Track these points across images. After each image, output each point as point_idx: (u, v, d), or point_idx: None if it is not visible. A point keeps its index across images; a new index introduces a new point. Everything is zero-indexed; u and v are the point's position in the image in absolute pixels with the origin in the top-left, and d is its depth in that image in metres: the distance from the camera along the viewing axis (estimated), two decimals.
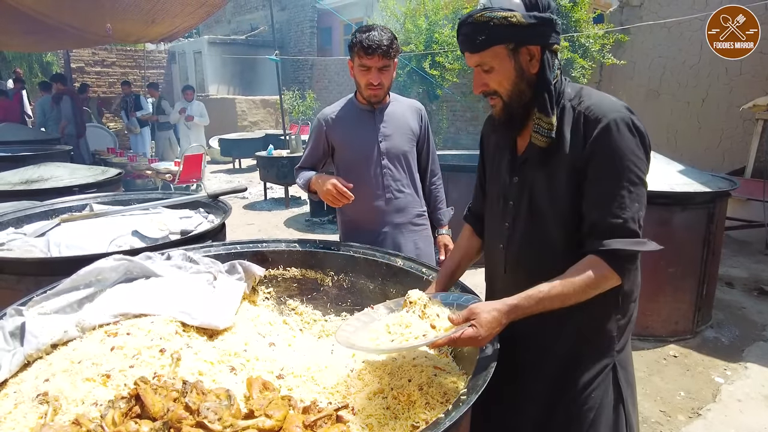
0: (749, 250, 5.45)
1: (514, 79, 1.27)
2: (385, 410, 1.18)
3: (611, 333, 1.34)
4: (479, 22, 1.23)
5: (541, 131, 1.27)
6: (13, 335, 1.28)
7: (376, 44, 2.11)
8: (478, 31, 1.23)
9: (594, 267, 1.18)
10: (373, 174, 2.30)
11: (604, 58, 6.98)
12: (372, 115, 2.33)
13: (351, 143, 2.33)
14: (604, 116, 1.21)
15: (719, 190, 3.44)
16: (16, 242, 2.28)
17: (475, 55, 1.27)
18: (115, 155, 8.68)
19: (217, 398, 0.94)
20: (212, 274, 1.65)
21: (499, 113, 1.34)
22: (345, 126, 2.34)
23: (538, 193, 1.33)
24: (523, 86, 1.28)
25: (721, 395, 2.95)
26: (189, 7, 7.17)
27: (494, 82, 1.29)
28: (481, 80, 1.31)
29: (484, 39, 1.23)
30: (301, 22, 15.59)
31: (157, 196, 3.03)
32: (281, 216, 7.40)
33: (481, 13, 1.23)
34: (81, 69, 15.06)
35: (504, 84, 1.28)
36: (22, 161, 5.04)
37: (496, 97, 1.31)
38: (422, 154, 2.45)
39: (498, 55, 1.25)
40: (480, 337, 1.14)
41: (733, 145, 6.30)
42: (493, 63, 1.26)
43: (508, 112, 1.32)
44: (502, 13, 1.20)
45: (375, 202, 2.31)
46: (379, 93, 2.26)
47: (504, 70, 1.26)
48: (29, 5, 6.65)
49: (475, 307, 1.18)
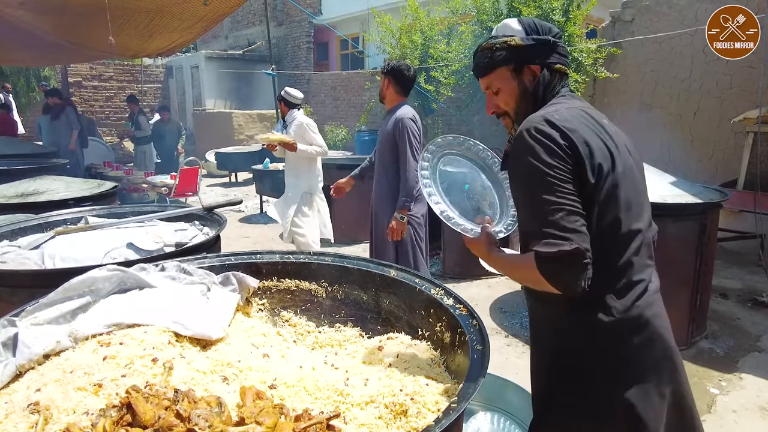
0: (743, 262, 5.47)
1: (518, 97, 1.39)
2: (377, 419, 1.19)
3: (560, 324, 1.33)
4: (485, 49, 1.40)
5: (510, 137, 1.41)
6: (6, 346, 1.28)
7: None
8: (483, 56, 1.40)
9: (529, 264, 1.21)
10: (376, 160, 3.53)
11: (597, 72, 7.08)
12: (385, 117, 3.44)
13: None
14: (520, 128, 1.29)
15: (711, 202, 3.47)
16: (11, 255, 2.27)
17: (483, 78, 1.43)
18: (111, 169, 8.68)
19: (208, 405, 0.95)
20: (206, 285, 1.66)
21: (511, 131, 1.45)
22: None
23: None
24: (528, 104, 1.39)
25: (716, 406, 2.95)
26: (186, 22, 7.24)
27: (502, 102, 1.42)
28: (492, 102, 1.45)
29: (488, 62, 1.39)
30: (298, 37, 15.75)
31: (152, 209, 3.04)
32: (277, 229, 7.40)
33: (487, 41, 1.40)
34: (78, 83, 15.15)
35: (510, 103, 1.40)
36: (18, 174, 5.04)
37: (506, 117, 1.44)
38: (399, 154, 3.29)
39: (503, 76, 1.39)
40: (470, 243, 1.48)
41: (725, 157, 6.37)
42: (499, 84, 1.40)
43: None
44: (503, 39, 1.36)
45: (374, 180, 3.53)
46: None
47: (509, 89, 1.39)
48: (29, 21, 6.71)
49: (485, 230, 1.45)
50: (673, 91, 6.76)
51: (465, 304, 1.49)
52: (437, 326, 1.53)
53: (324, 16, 14.93)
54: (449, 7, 8.98)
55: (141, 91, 15.46)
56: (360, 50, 14.88)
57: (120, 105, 15.37)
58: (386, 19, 9.85)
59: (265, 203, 8.54)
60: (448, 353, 1.45)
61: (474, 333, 1.32)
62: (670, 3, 6.64)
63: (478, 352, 1.23)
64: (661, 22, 6.73)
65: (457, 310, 1.45)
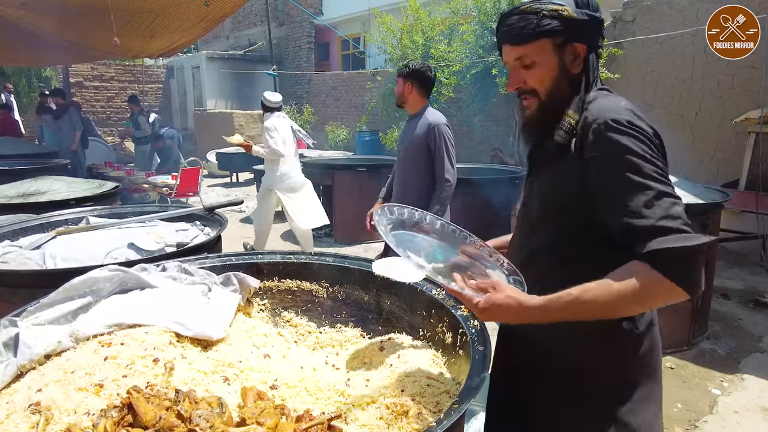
0: (745, 262, 5.47)
1: (556, 76, 1.19)
2: (378, 420, 1.19)
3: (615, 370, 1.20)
4: (528, 13, 1.16)
5: (566, 127, 1.18)
6: (7, 346, 1.28)
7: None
8: (525, 21, 1.16)
9: (639, 272, 0.99)
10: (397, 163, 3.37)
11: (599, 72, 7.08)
12: (409, 121, 3.31)
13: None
14: (597, 117, 1.12)
15: (712, 202, 3.47)
16: (12, 255, 2.28)
17: (519, 47, 1.19)
18: (113, 169, 8.70)
19: (209, 406, 0.95)
20: (207, 286, 1.66)
21: (533, 114, 1.24)
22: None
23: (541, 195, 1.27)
24: (564, 85, 1.20)
25: (717, 407, 2.94)
26: (188, 22, 7.25)
27: (534, 79, 1.20)
28: (519, 77, 1.22)
29: (532, 30, 1.15)
30: (299, 37, 15.75)
31: (153, 209, 3.04)
32: (278, 229, 7.40)
33: (530, 4, 1.16)
34: (80, 83, 15.17)
35: (545, 81, 1.20)
36: (20, 175, 5.05)
37: (531, 96, 1.22)
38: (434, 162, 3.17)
39: (543, 49, 1.17)
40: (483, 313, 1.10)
41: (726, 158, 6.36)
42: (536, 57, 1.18)
43: (543, 111, 1.22)
44: (553, 6, 1.15)
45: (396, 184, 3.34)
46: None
47: (548, 65, 1.18)
48: (30, 21, 6.72)
49: (499, 285, 1.11)
50: (675, 91, 6.76)
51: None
52: (438, 327, 1.53)
53: (325, 16, 14.93)
54: (450, 7, 8.99)
55: (142, 91, 15.48)
56: (361, 50, 14.88)
57: (121, 105, 15.39)
58: (387, 20, 9.86)
59: None
60: (450, 354, 1.45)
61: (475, 333, 1.32)
62: (671, 3, 6.63)
63: (479, 352, 1.23)
64: (662, 22, 6.72)
65: (459, 311, 1.45)
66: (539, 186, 1.28)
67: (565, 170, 1.18)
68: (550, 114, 1.22)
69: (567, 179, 1.17)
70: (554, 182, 1.22)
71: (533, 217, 1.30)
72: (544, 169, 1.27)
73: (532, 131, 1.29)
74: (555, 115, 1.21)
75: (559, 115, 1.21)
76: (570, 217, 1.18)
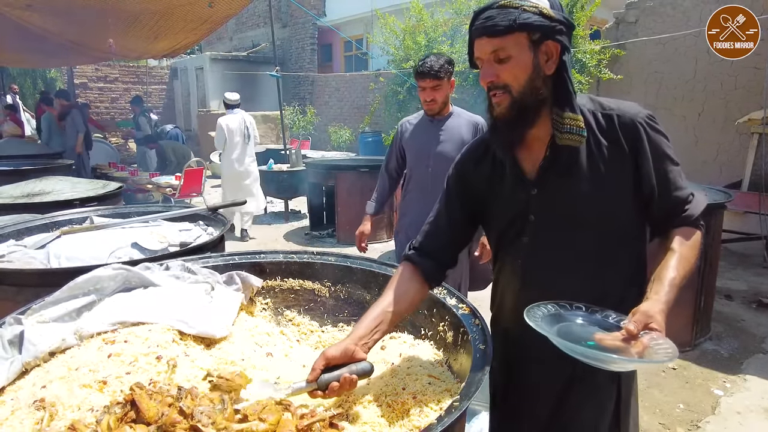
0: (748, 263, 5.45)
1: (530, 73, 1.19)
2: (380, 418, 1.19)
3: None
4: (508, 7, 1.16)
5: (575, 130, 1.20)
6: (12, 343, 1.30)
7: (427, 69, 2.65)
8: (505, 14, 1.16)
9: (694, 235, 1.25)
10: (423, 176, 2.81)
11: (601, 73, 7.08)
12: (432, 125, 2.82)
13: (412, 146, 2.87)
14: (636, 115, 1.25)
15: (714, 203, 3.46)
16: (17, 254, 2.29)
17: (496, 39, 1.17)
18: (117, 170, 8.73)
19: (211, 402, 0.96)
20: (210, 285, 1.67)
21: (505, 111, 1.22)
22: (412, 132, 2.89)
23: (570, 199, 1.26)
24: (539, 83, 1.20)
25: (720, 408, 2.94)
26: (191, 24, 7.28)
27: (508, 74, 1.19)
28: (492, 71, 1.21)
29: (512, 22, 1.15)
30: (302, 38, 15.79)
31: (157, 209, 3.06)
32: (281, 230, 7.43)
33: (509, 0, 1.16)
34: (84, 85, 15.24)
35: (519, 77, 1.19)
36: (24, 175, 5.08)
37: (503, 92, 1.21)
38: None
39: (520, 43, 1.17)
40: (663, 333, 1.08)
41: (729, 159, 6.35)
42: (512, 51, 1.17)
43: (516, 109, 1.22)
44: (532, 2, 1.16)
45: (422, 200, 2.78)
46: (433, 107, 2.75)
47: (522, 61, 1.18)
48: (35, 23, 6.76)
49: (645, 311, 1.08)
50: (677, 92, 6.75)
51: (467, 304, 1.49)
52: (440, 326, 1.53)
53: (328, 17, 14.97)
54: (453, 8, 9.00)
55: (146, 92, 15.54)
56: (364, 52, 14.90)
57: (125, 106, 15.45)
58: (390, 21, 9.88)
59: (269, 204, 8.56)
60: (451, 352, 1.45)
61: (476, 332, 1.32)
62: (675, 4, 6.63)
63: (480, 351, 1.23)
64: (665, 23, 6.72)
65: (460, 310, 1.45)
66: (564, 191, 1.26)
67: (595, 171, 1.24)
68: (526, 111, 1.22)
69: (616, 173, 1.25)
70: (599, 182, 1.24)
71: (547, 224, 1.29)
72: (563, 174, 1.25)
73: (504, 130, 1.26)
74: (531, 113, 1.22)
75: (534, 114, 1.23)
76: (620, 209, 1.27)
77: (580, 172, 1.24)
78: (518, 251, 1.36)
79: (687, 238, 1.24)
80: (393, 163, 3.02)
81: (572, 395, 1.34)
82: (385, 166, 3.07)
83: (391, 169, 3.05)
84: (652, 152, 1.24)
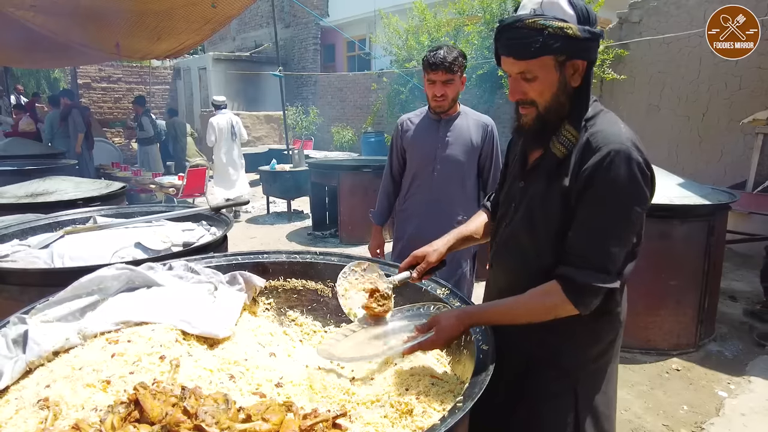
0: (752, 264, 5.42)
1: (556, 91, 1.23)
2: (383, 418, 1.19)
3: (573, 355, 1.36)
4: (533, 29, 1.16)
5: (565, 142, 1.25)
6: (16, 343, 1.30)
7: (439, 61, 2.38)
8: (530, 37, 1.16)
9: (550, 294, 1.23)
10: (427, 180, 2.61)
11: (605, 73, 7.05)
12: (438, 124, 2.61)
13: (414, 147, 2.65)
14: (603, 146, 1.19)
15: (718, 203, 3.45)
16: (20, 254, 2.30)
17: (522, 62, 1.21)
18: (120, 170, 8.76)
19: (215, 402, 0.96)
20: (213, 285, 1.67)
21: (530, 123, 1.29)
22: (414, 131, 2.66)
23: (534, 202, 1.34)
24: (564, 99, 1.25)
25: (724, 409, 2.93)
26: (194, 24, 7.29)
27: (535, 92, 1.24)
28: (519, 88, 1.26)
29: (538, 47, 1.16)
30: (305, 39, 15.80)
31: (160, 209, 3.06)
32: (284, 230, 7.43)
33: (534, 19, 1.16)
34: (87, 85, 15.28)
35: (545, 95, 1.24)
36: (28, 175, 5.10)
37: (530, 106, 1.27)
38: (484, 167, 2.66)
39: (546, 65, 1.20)
40: (438, 342, 1.29)
41: (734, 159, 6.32)
42: (539, 73, 1.21)
43: (540, 122, 1.28)
44: (558, 23, 1.15)
45: (425, 201, 2.61)
46: (443, 104, 2.52)
47: (548, 81, 1.22)
48: (40, 23, 6.78)
49: (436, 316, 1.31)
50: (681, 92, 6.72)
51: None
52: None
53: (331, 17, 14.97)
54: (456, 8, 8.98)
55: (149, 92, 15.56)
56: (367, 52, 14.91)
57: (128, 106, 15.49)
58: (393, 21, 9.89)
59: (272, 204, 8.57)
60: (454, 353, 1.45)
61: (479, 333, 1.32)
62: (678, 4, 6.60)
63: (483, 351, 1.23)
64: (669, 23, 6.69)
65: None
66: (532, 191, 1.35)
67: (561, 182, 1.26)
68: (547, 125, 1.29)
69: (561, 190, 1.26)
70: (549, 190, 1.29)
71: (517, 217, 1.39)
72: (540, 177, 1.33)
73: (528, 139, 1.37)
74: (552, 127, 1.29)
75: (556, 126, 1.28)
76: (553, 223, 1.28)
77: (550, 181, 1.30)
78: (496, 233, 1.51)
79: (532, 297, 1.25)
80: (397, 166, 2.78)
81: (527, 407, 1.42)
82: (389, 170, 2.81)
83: (395, 173, 2.80)
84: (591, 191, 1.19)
